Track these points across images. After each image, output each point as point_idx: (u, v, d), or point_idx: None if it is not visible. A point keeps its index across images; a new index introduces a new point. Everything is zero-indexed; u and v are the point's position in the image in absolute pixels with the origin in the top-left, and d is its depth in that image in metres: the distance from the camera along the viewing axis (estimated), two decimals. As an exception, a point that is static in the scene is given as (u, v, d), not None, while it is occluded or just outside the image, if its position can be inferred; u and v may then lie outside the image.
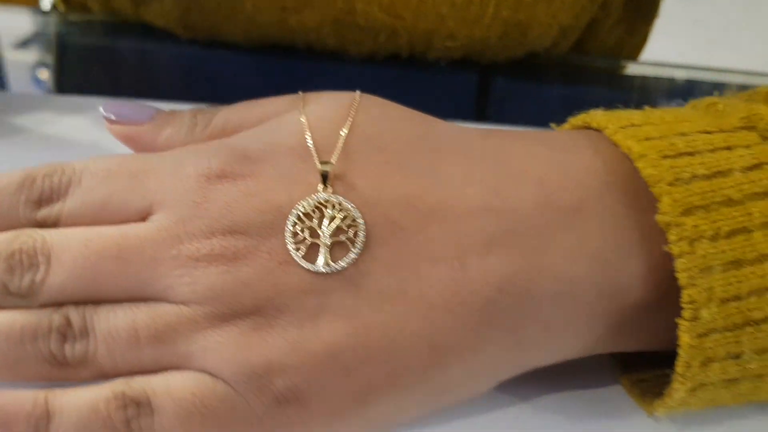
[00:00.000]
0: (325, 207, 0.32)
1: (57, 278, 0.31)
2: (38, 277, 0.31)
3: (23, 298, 0.31)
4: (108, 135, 0.34)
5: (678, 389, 0.31)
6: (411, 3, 0.54)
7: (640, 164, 0.31)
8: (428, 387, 0.31)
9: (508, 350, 0.32)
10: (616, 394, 0.35)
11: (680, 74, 0.59)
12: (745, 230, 0.31)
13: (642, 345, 0.34)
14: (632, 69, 0.62)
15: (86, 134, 0.33)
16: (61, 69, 0.58)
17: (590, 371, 0.36)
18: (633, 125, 0.33)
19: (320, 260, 0.31)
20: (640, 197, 0.32)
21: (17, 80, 0.59)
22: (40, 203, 0.33)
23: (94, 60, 0.56)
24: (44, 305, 0.31)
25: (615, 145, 0.33)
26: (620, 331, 0.33)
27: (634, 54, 0.67)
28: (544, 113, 0.36)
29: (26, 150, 0.35)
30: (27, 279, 0.31)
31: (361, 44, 0.57)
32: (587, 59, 0.62)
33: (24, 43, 0.61)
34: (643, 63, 0.64)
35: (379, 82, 0.35)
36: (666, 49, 0.68)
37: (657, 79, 0.60)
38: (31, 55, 0.61)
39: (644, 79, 0.60)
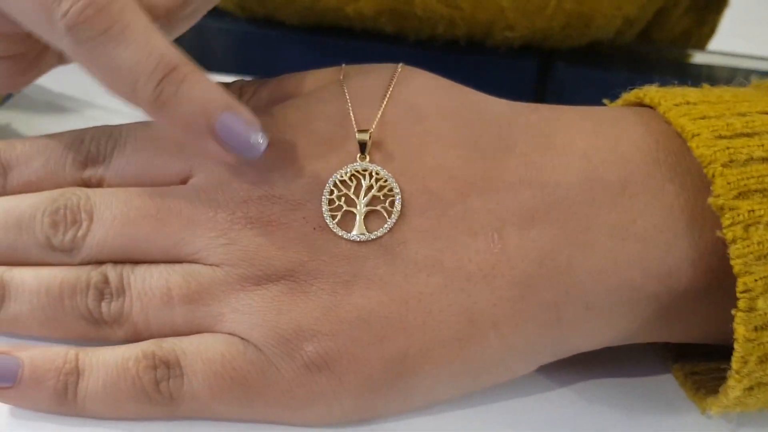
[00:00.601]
0: (363, 176, 0.31)
1: (97, 234, 0.32)
2: (80, 232, 0.32)
3: (65, 253, 0.32)
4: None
5: (734, 387, 0.29)
6: None
7: (693, 144, 0.30)
8: (465, 363, 0.30)
9: (548, 329, 0.31)
10: (667, 384, 0.34)
11: (747, 64, 0.58)
12: None
13: (693, 336, 0.33)
14: (699, 58, 0.60)
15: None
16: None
17: (640, 358, 0.35)
18: (688, 103, 0.32)
19: (355, 229, 0.31)
20: (693, 177, 0.31)
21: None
22: (86, 164, 0.34)
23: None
24: (84, 263, 0.32)
25: (668, 122, 0.32)
26: (668, 318, 0.32)
27: (701, 44, 0.66)
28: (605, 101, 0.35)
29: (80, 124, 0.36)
30: (70, 234, 0.32)
31: (419, 32, 0.56)
32: (652, 47, 0.61)
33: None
34: (711, 52, 0.62)
35: (436, 66, 0.35)
36: (735, 39, 0.66)
37: (724, 69, 0.58)
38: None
39: (711, 69, 0.58)
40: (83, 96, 0.50)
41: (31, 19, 0.31)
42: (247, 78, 0.38)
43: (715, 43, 0.66)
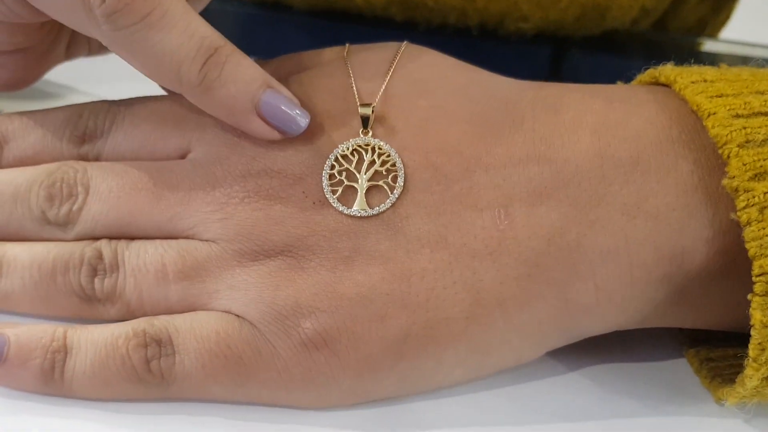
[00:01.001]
0: (365, 150, 0.31)
1: (93, 208, 0.31)
2: (75, 206, 0.32)
3: (60, 228, 0.32)
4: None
5: (751, 377, 0.28)
6: None
7: (708, 122, 0.29)
8: (470, 344, 0.29)
9: (556, 309, 0.30)
10: (681, 370, 0.33)
11: (762, 53, 0.57)
12: None
13: (706, 322, 0.32)
14: (713, 46, 0.59)
15: (140, 83, 0.34)
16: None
17: (654, 343, 0.34)
18: (705, 80, 0.31)
19: (356, 204, 0.30)
20: (707, 155, 0.30)
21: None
22: (84, 139, 0.33)
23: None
24: (79, 238, 0.32)
25: (683, 100, 0.31)
26: (681, 301, 0.30)
27: (715, 32, 0.65)
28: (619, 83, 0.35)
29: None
30: (65, 208, 0.32)
31: (429, 21, 0.56)
32: (667, 35, 0.60)
33: None
34: (725, 41, 0.61)
35: (446, 52, 0.35)
36: (750, 27, 0.65)
37: (738, 58, 0.57)
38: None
39: (725, 57, 0.57)
40: (68, 82, 0.49)
41: (64, 8, 0.30)
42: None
43: (729, 31, 0.65)
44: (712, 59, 0.57)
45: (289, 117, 0.30)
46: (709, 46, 0.60)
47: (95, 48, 0.40)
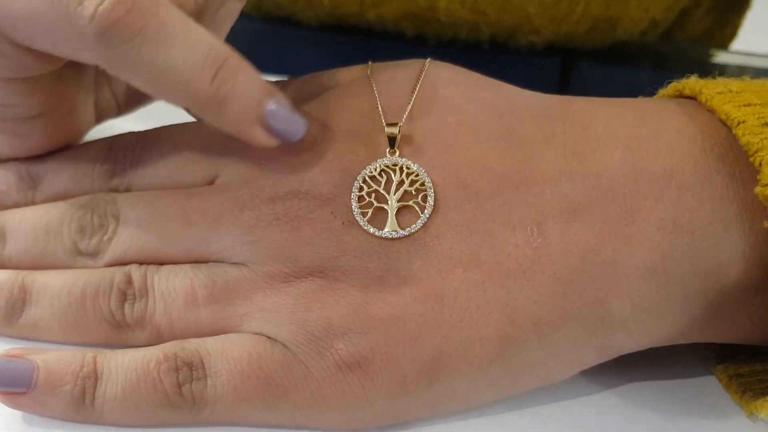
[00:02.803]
0: (393, 171, 0.31)
1: (122, 236, 0.31)
2: (106, 236, 0.32)
3: (91, 257, 0.32)
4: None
5: None
6: (496, 1, 0.52)
7: (738, 131, 0.29)
8: (504, 365, 0.29)
9: (592, 327, 0.29)
10: (709, 386, 0.33)
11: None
12: None
13: (740, 336, 0.31)
14: (722, 57, 0.59)
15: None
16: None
17: (679, 360, 0.33)
18: (731, 91, 0.31)
19: (387, 225, 0.30)
20: (740, 167, 0.30)
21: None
22: (114, 173, 0.34)
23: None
24: (109, 265, 0.32)
25: (711, 111, 0.31)
26: (716, 316, 0.30)
27: (723, 44, 0.65)
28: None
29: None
30: (96, 238, 0.32)
31: (441, 35, 0.55)
32: (676, 46, 0.60)
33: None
34: (734, 52, 0.61)
35: (457, 65, 0.35)
36: (758, 39, 0.65)
37: (748, 69, 0.57)
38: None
39: (735, 69, 0.57)
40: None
41: (53, 35, 0.28)
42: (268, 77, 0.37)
43: (738, 44, 0.65)
44: (722, 71, 0.57)
45: (290, 125, 0.30)
46: (720, 57, 0.60)
47: (124, 103, 0.38)
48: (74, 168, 0.34)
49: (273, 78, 0.37)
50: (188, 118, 0.32)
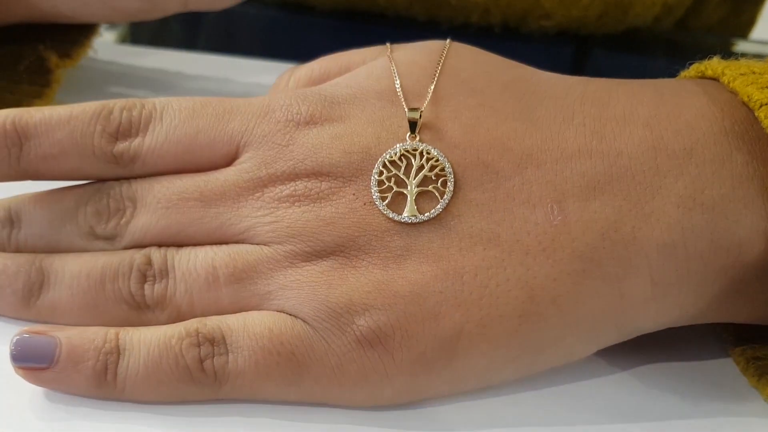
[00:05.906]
0: (413, 155, 0.31)
1: (141, 220, 0.31)
2: (123, 219, 0.31)
3: (108, 241, 0.32)
4: (181, 88, 0.33)
5: None
6: None
7: (761, 113, 0.29)
8: (523, 342, 0.29)
9: (611, 305, 0.29)
10: (727, 369, 0.32)
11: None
12: None
13: (760, 316, 0.31)
14: (738, 46, 0.59)
15: (159, 84, 0.33)
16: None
17: (697, 341, 0.33)
18: (754, 72, 0.31)
19: (406, 210, 0.30)
20: (761, 146, 0.30)
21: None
22: (117, 136, 0.32)
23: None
24: (128, 248, 0.31)
25: (733, 92, 0.31)
26: (736, 295, 0.30)
27: (741, 33, 0.65)
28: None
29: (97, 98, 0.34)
30: (113, 222, 0.31)
31: (452, 19, 0.55)
32: (691, 34, 0.60)
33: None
34: (750, 41, 0.61)
35: None
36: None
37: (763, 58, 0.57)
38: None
39: (751, 57, 0.57)
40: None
41: None
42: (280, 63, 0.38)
43: (756, 33, 0.65)
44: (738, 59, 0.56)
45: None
46: (735, 46, 0.59)
47: None
48: (71, 127, 0.32)
49: (287, 65, 0.37)
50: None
